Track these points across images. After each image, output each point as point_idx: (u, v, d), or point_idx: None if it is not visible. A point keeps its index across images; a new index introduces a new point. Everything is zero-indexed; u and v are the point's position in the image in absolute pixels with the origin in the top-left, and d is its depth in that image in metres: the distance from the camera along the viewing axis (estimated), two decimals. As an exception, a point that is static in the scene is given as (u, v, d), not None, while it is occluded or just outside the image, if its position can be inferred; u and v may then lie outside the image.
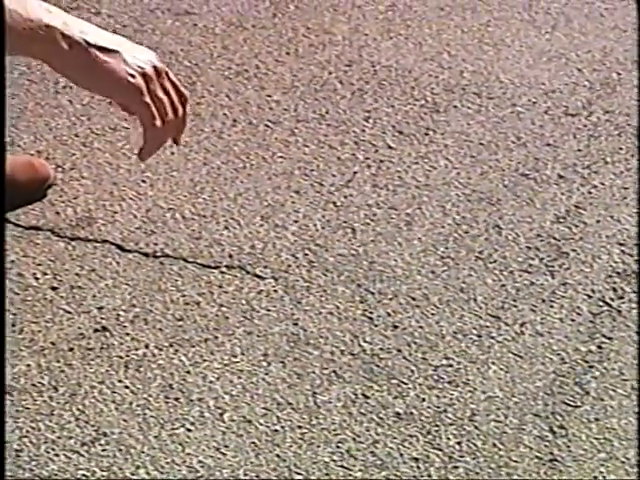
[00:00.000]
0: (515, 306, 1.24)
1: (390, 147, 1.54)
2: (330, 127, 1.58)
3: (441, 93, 1.66)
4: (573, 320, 1.22)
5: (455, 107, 1.62)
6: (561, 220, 1.40)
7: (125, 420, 1.07)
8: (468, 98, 1.65)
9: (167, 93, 0.98)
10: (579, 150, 1.54)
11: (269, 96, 1.64)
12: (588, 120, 1.60)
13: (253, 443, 1.04)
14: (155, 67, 0.98)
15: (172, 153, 1.52)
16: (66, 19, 0.94)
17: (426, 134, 1.56)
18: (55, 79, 1.66)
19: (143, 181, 1.46)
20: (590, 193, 1.45)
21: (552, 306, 1.25)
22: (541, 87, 1.67)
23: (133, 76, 0.95)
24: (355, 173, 1.48)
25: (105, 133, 1.55)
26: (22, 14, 0.92)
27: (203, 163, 1.50)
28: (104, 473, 1.01)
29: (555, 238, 1.36)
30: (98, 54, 0.94)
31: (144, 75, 0.96)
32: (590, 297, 1.26)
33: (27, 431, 1.05)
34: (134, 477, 1.01)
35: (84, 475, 1.01)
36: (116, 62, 0.95)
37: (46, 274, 1.28)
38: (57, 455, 1.03)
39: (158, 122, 0.95)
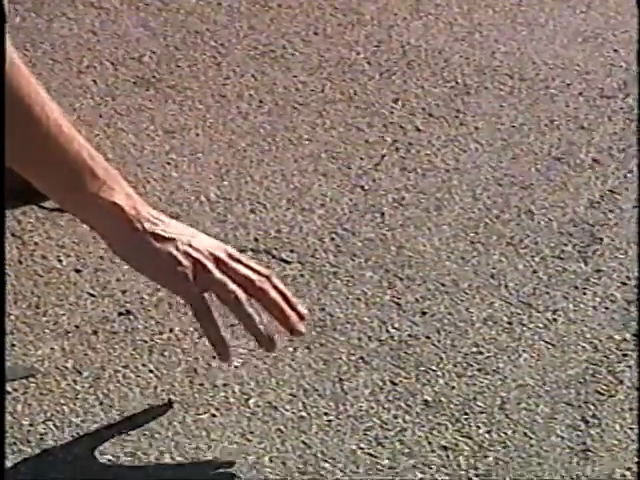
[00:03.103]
0: (547, 293, 1.24)
1: (419, 130, 1.53)
2: (358, 109, 1.57)
3: (472, 74, 1.65)
4: (607, 308, 1.22)
5: (486, 89, 1.62)
6: (595, 205, 1.39)
7: (150, 405, 1.08)
8: (500, 80, 1.64)
9: (236, 277, 0.96)
10: (614, 133, 1.52)
11: (296, 77, 1.64)
12: (624, 102, 1.59)
13: (279, 430, 1.05)
14: (213, 255, 0.97)
15: (197, 135, 1.53)
16: (137, 205, 0.96)
17: (456, 116, 1.56)
18: (79, 59, 1.67)
19: (168, 163, 1.47)
20: (625, 177, 1.44)
21: (585, 293, 1.24)
22: (576, 68, 1.66)
23: (180, 263, 0.95)
24: (383, 156, 1.48)
25: (129, 114, 1.56)
26: (92, 188, 0.94)
27: (228, 145, 1.50)
28: (128, 458, 1.02)
29: (589, 224, 1.35)
30: (152, 240, 0.95)
31: (195, 262, 0.95)
32: (625, 284, 1.25)
33: (51, 414, 1.07)
34: (158, 462, 1.01)
35: (108, 460, 1.02)
36: (168, 249, 0.95)
37: (70, 256, 1.29)
38: (81, 439, 1.04)
39: (208, 311, 0.95)
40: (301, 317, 0.99)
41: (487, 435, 1.05)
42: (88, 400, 1.08)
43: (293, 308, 0.99)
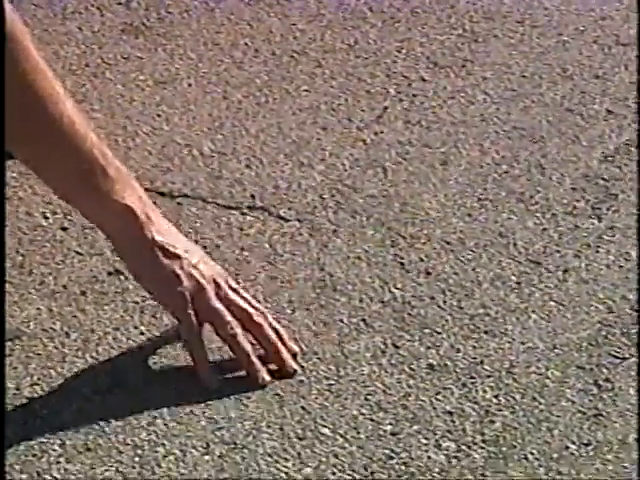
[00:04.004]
0: (558, 251, 1.23)
1: (424, 80, 1.53)
2: (359, 58, 1.56)
3: (480, 21, 1.64)
4: (621, 266, 1.21)
5: (495, 36, 1.61)
6: (609, 159, 1.38)
7: (141, 368, 1.08)
8: (509, 26, 1.63)
9: (232, 307, 1.01)
10: (631, 83, 1.51)
11: (293, 24, 1.63)
12: (641, 50, 1.57)
13: (277, 394, 1.05)
14: (215, 282, 1.00)
15: (189, 85, 1.51)
16: (149, 211, 0.98)
17: (463, 66, 1.55)
18: (63, 4, 1.65)
19: (158, 115, 1.46)
20: (641, 130, 1.43)
21: (598, 251, 1.23)
22: (590, 14, 1.65)
23: (182, 283, 0.98)
24: (386, 108, 1.47)
25: (117, 63, 1.55)
26: (104, 188, 0.94)
27: (223, 97, 1.49)
28: (119, 423, 1.02)
29: (603, 178, 1.35)
30: (159, 254, 0.97)
31: (196, 286, 0.99)
32: (640, 242, 1.25)
33: (38, 378, 1.06)
34: (151, 428, 1.01)
35: (98, 425, 1.02)
36: (172, 267, 0.98)
37: (56, 213, 1.28)
38: (70, 404, 1.04)
39: (198, 336, 1.00)
40: (293, 354, 1.03)
41: (494, 400, 1.05)
42: (77, 363, 1.08)
43: (284, 344, 1.04)
